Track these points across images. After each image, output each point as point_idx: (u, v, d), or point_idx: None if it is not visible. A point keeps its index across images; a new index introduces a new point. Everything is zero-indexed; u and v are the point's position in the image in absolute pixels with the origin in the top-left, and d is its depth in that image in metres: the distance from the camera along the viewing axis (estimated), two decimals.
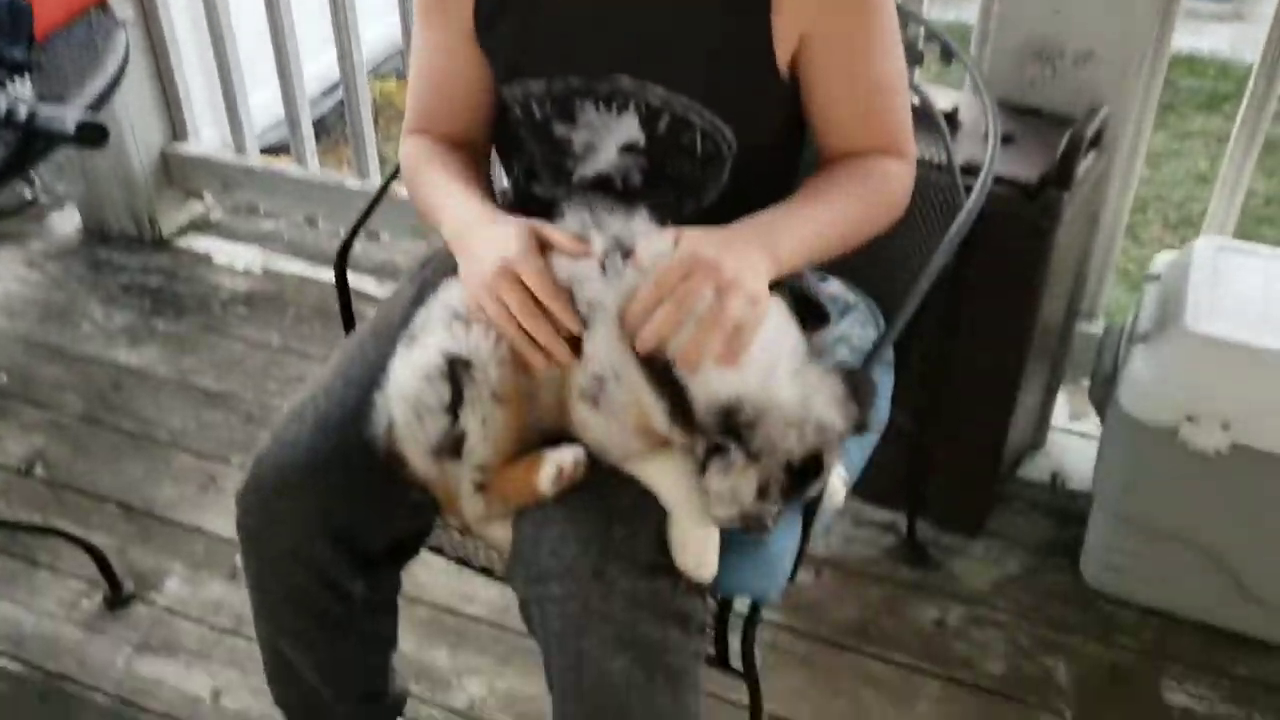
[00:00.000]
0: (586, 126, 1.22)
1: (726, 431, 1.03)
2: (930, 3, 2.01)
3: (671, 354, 1.03)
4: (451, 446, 1.09)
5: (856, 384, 1.10)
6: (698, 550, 1.11)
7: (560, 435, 1.12)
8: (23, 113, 1.23)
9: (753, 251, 1.10)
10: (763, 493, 1.04)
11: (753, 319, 1.04)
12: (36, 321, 2.52)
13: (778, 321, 1.12)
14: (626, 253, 1.08)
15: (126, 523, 2.02)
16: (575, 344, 1.07)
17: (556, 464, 1.07)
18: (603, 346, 1.06)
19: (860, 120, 1.22)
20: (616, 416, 1.07)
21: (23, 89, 1.34)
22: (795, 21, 1.15)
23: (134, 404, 2.28)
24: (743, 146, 1.21)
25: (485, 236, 1.13)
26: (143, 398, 2.30)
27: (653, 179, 1.24)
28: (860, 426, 1.10)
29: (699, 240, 1.07)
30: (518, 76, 1.23)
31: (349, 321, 1.50)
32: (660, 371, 1.04)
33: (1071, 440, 2.14)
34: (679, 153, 1.21)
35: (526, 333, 1.07)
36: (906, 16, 1.54)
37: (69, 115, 1.22)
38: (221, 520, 2.01)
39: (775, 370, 1.06)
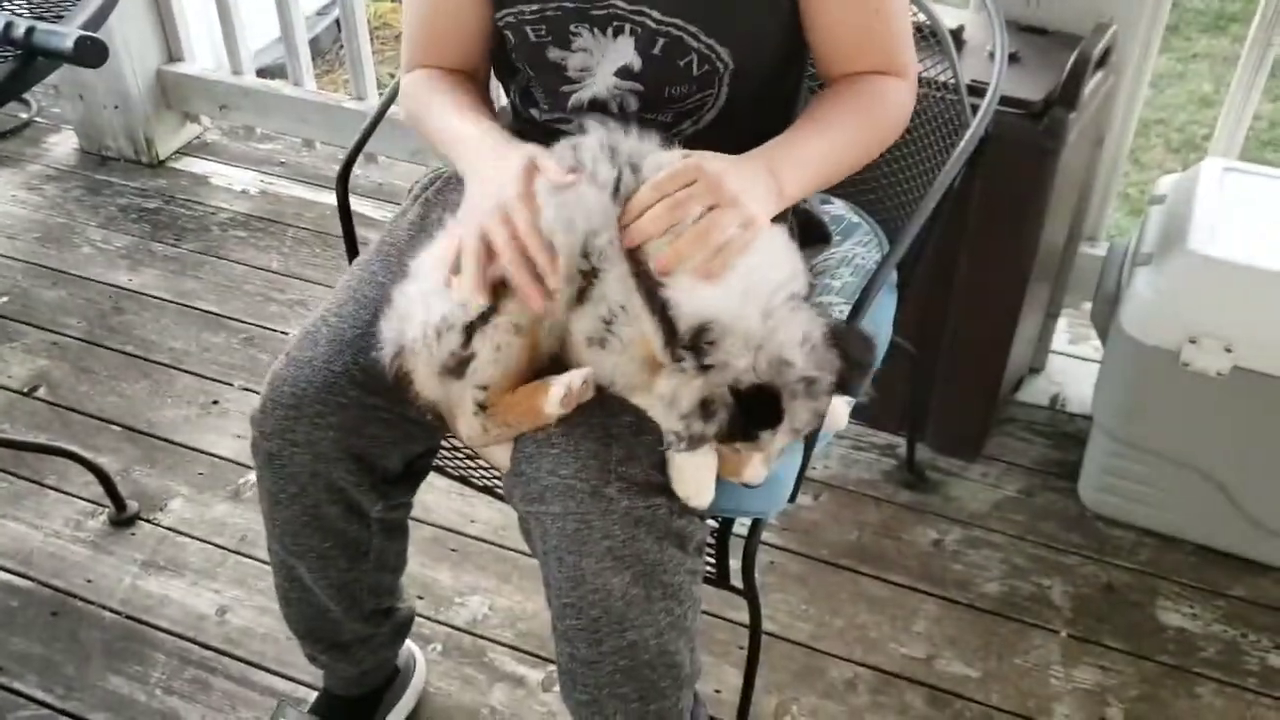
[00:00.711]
0: (582, 50, 1.21)
1: (693, 348, 1.02)
2: None
3: (652, 255, 1.03)
4: (457, 366, 1.09)
5: (848, 339, 1.07)
6: (694, 477, 1.11)
7: (563, 367, 1.12)
8: (21, 30, 1.21)
9: (760, 179, 1.09)
10: (706, 410, 1.01)
11: (741, 241, 1.04)
12: (36, 244, 2.51)
13: (775, 250, 1.10)
14: (636, 170, 1.07)
15: (130, 444, 2.03)
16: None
17: (566, 384, 1.07)
18: (613, 285, 1.05)
19: (860, 41, 1.20)
20: (625, 351, 1.06)
21: (20, 7, 1.32)
22: None
23: (135, 326, 2.28)
24: (739, 68, 1.20)
25: (488, 174, 1.12)
26: (143, 320, 2.30)
27: (649, 103, 1.22)
28: (843, 384, 1.06)
29: (708, 155, 1.07)
30: (510, 2, 1.21)
31: (352, 245, 1.49)
32: (659, 300, 1.03)
33: (1072, 364, 2.15)
34: (675, 75, 1.20)
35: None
36: None
37: (67, 32, 1.21)
38: (224, 441, 2.03)
39: (755, 296, 1.04)
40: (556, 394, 1.07)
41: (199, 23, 2.81)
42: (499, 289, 1.08)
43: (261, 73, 2.82)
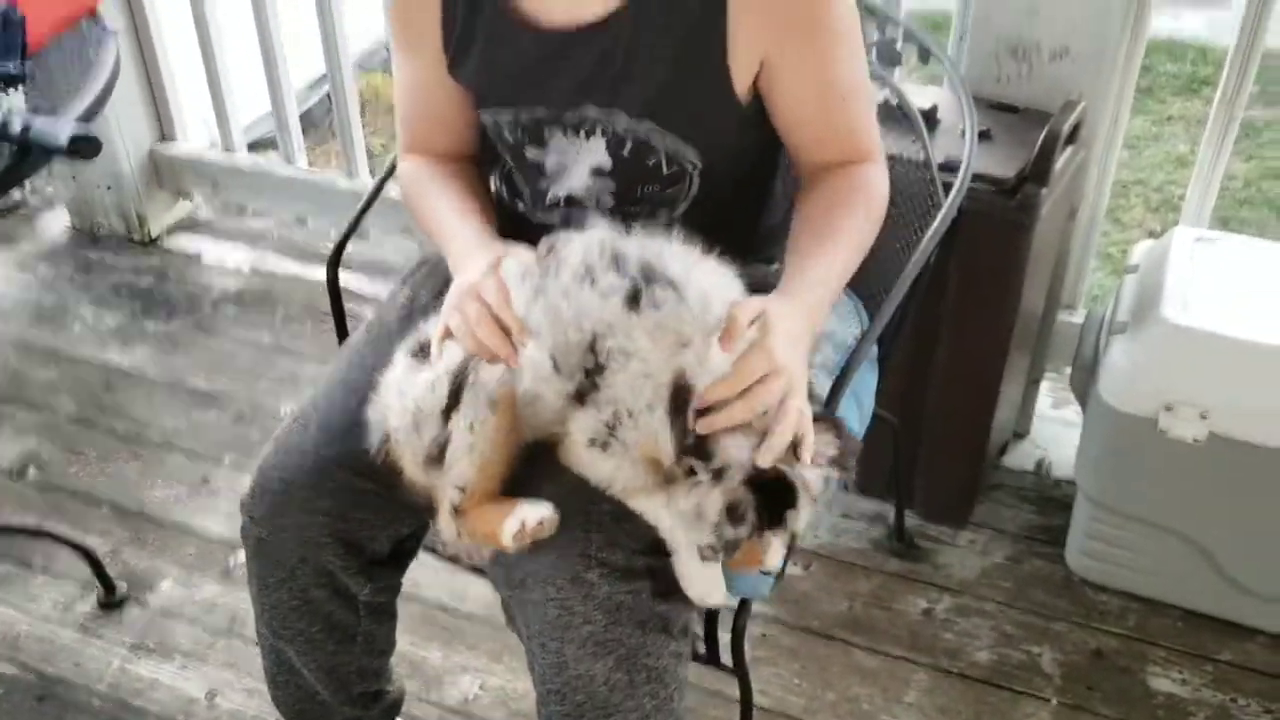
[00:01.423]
0: (557, 150, 1.26)
1: (699, 453, 1.04)
2: None
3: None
4: (439, 454, 1.11)
5: (832, 422, 1.12)
6: (702, 582, 1.13)
7: (546, 448, 1.13)
8: (17, 126, 1.24)
9: (806, 336, 1.14)
10: (734, 514, 1.04)
11: (796, 426, 1.06)
12: (28, 323, 2.54)
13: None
14: (652, 280, 1.08)
15: (119, 524, 2.04)
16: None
17: (521, 519, 1.09)
18: (624, 388, 1.07)
19: (829, 133, 1.24)
20: (627, 454, 1.08)
21: (16, 101, 1.35)
22: (752, 49, 1.17)
23: (126, 405, 2.30)
24: (708, 166, 1.24)
25: (467, 266, 1.17)
26: (135, 398, 2.31)
27: (622, 198, 1.27)
28: (839, 462, 1.10)
29: (784, 346, 1.08)
30: (486, 105, 1.27)
31: (342, 328, 1.52)
32: (681, 408, 1.05)
33: (1056, 428, 2.17)
34: (645, 174, 1.25)
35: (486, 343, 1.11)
36: (885, 18, 1.56)
37: (62, 129, 1.24)
38: (214, 520, 2.03)
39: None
40: (510, 528, 1.09)
41: (190, 98, 2.86)
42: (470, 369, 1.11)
43: (254, 145, 2.87)
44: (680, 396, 1.05)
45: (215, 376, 2.36)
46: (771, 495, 1.05)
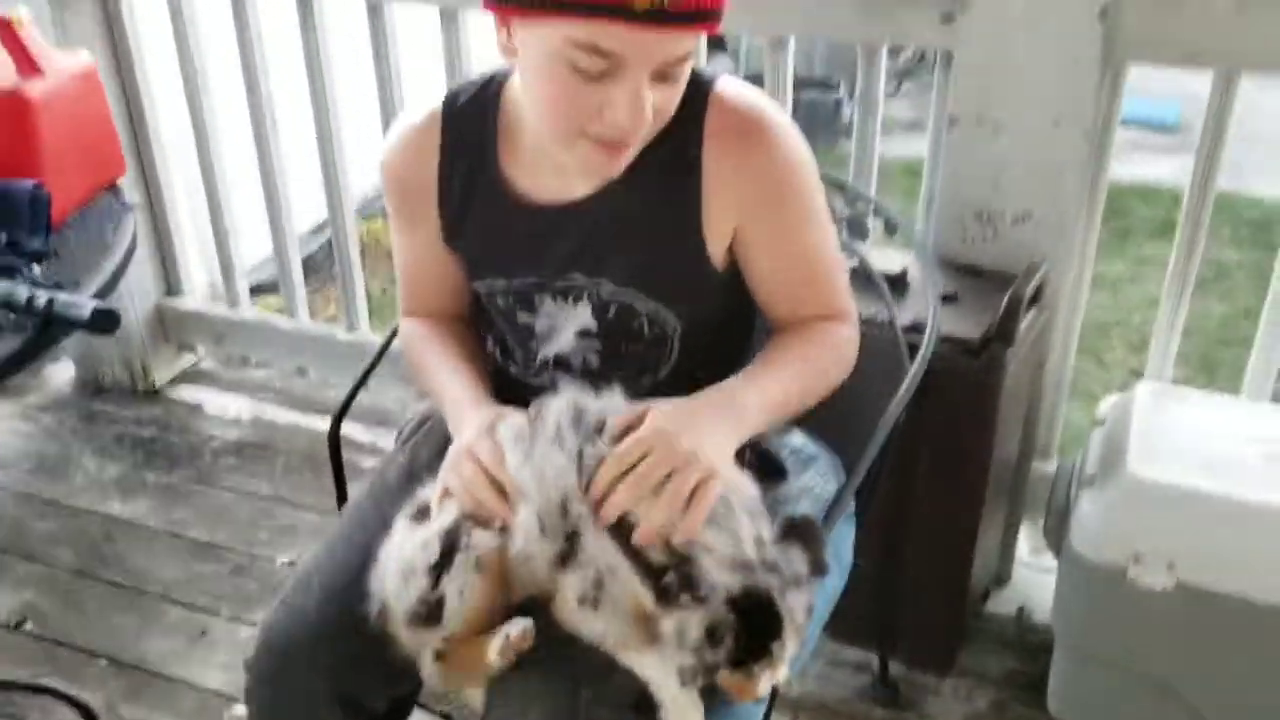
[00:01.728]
0: (546, 315, 1.35)
1: (681, 579, 1.09)
2: (889, 139, 2.14)
3: (635, 526, 1.12)
4: (427, 613, 1.16)
5: (803, 529, 1.18)
6: (688, 718, 1.16)
7: (530, 610, 1.19)
8: (42, 301, 1.33)
9: (716, 424, 1.20)
10: (713, 637, 1.08)
11: (706, 494, 1.13)
12: (30, 474, 2.59)
13: (732, 480, 1.19)
14: (592, 438, 1.17)
15: (117, 677, 2.06)
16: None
17: (505, 633, 1.14)
18: (594, 547, 1.13)
19: (799, 294, 1.33)
20: (616, 610, 1.13)
21: (40, 276, 1.44)
22: (725, 219, 1.27)
23: (125, 556, 2.34)
24: (688, 328, 1.33)
25: (464, 428, 1.26)
26: (134, 549, 2.36)
27: (607, 359, 1.36)
28: (817, 567, 1.16)
29: (662, 417, 1.17)
30: (481, 276, 1.37)
31: (342, 491, 1.58)
32: (644, 559, 1.11)
33: (1036, 575, 2.22)
34: (629, 336, 1.34)
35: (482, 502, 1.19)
36: (855, 194, 1.68)
37: (85, 303, 1.32)
38: (212, 673, 2.06)
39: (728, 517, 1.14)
40: (496, 645, 1.13)
41: (192, 244, 2.97)
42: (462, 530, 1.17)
43: (255, 289, 2.97)
44: (628, 539, 1.11)
45: (215, 527, 2.41)
46: (754, 620, 1.09)
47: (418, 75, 2.53)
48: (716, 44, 7.07)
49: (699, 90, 1.24)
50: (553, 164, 1.27)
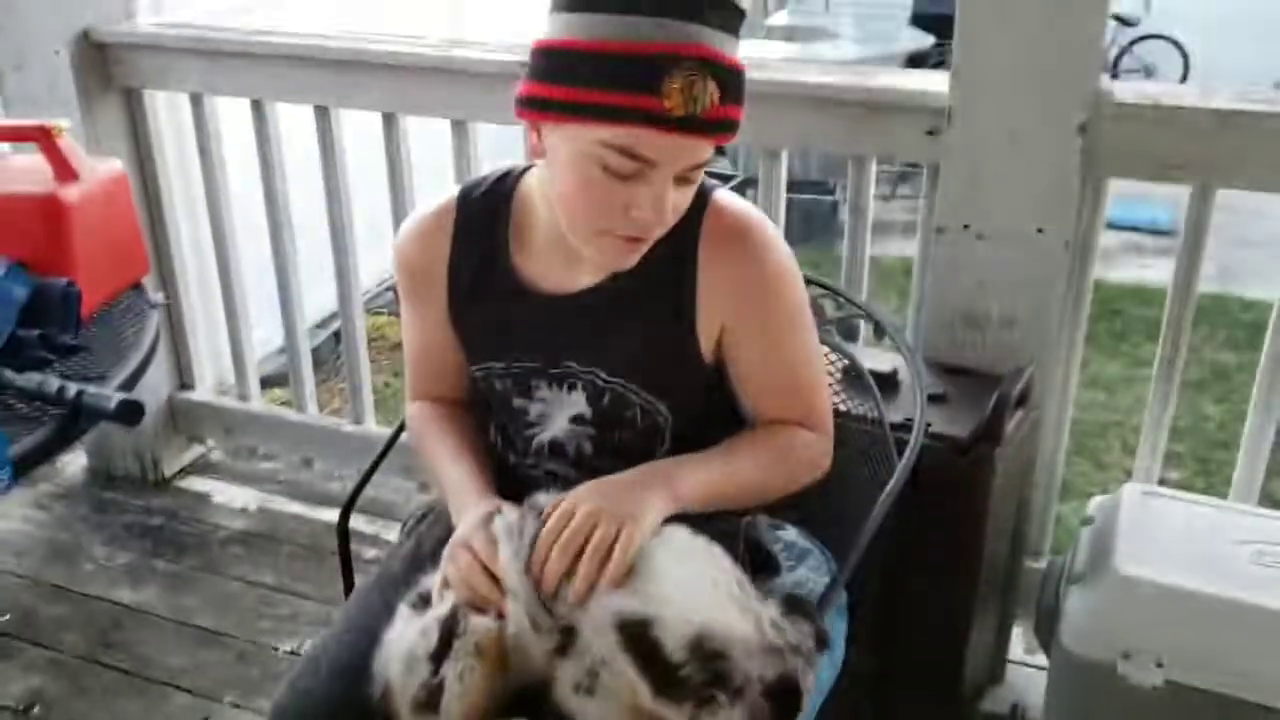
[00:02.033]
0: (541, 400, 1.43)
1: (707, 676, 1.12)
2: (887, 240, 2.22)
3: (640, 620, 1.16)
4: (428, 699, 1.20)
5: (804, 604, 1.24)
6: None
7: (533, 694, 1.23)
8: (71, 392, 1.40)
9: (641, 491, 1.27)
10: None
11: (626, 539, 1.20)
12: (42, 561, 2.64)
13: (692, 547, 1.26)
14: None
15: None
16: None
17: None
18: (591, 640, 1.18)
19: (778, 397, 1.41)
20: (612, 700, 1.17)
21: (68, 370, 1.51)
22: (715, 317, 1.36)
23: (133, 643, 2.38)
24: (678, 418, 1.40)
25: (464, 518, 1.33)
26: (142, 636, 2.39)
27: (601, 446, 1.42)
28: (821, 641, 1.21)
29: (584, 489, 1.26)
30: (480, 360, 1.45)
31: (349, 579, 1.63)
32: (637, 642, 1.15)
33: (1029, 673, 2.25)
34: (622, 424, 1.41)
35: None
36: (846, 298, 1.76)
37: (111, 396, 1.39)
38: None
39: (721, 602, 1.18)
40: None
41: (203, 340, 3.05)
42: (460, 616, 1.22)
43: (263, 381, 3.05)
44: (632, 635, 1.15)
45: (220, 615, 2.45)
46: (781, 702, 1.14)
47: (428, 176, 2.65)
48: (716, 149, 7.26)
49: (699, 195, 1.33)
50: (563, 256, 1.35)
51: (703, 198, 1.34)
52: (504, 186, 1.41)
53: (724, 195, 1.37)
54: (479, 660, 1.20)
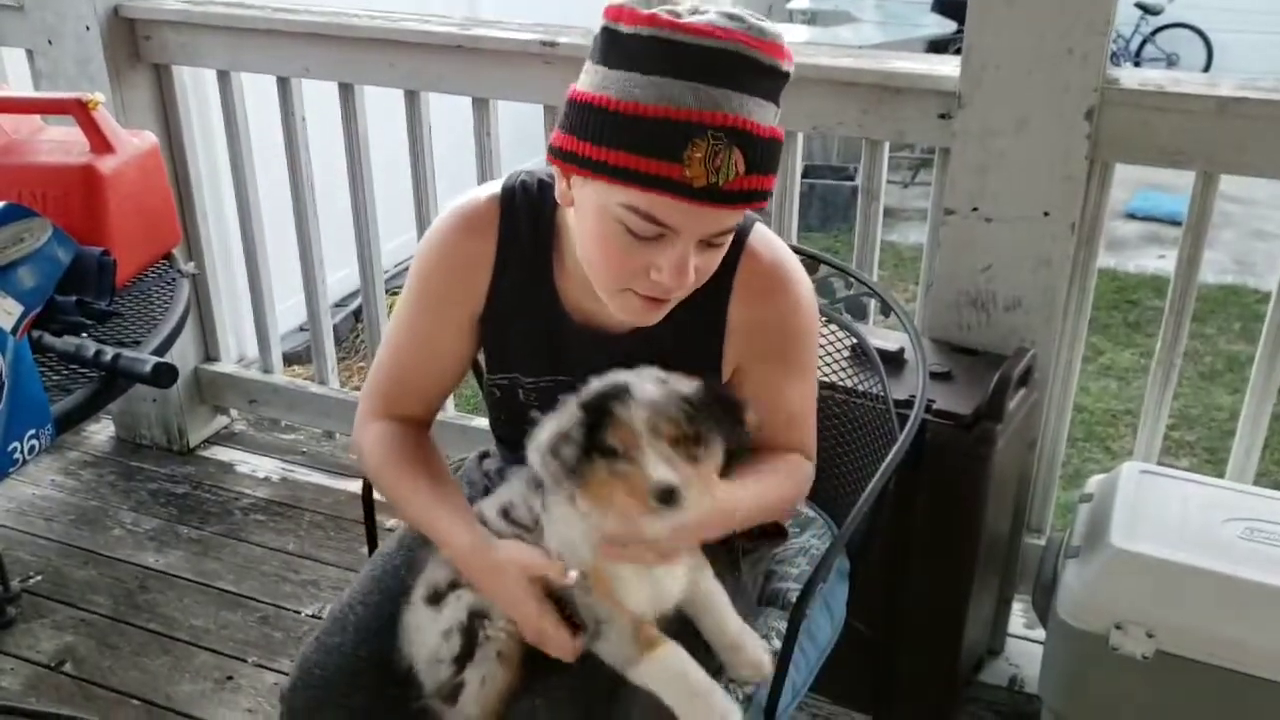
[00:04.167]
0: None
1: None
2: (907, 226, 2.27)
3: None
4: (449, 694, 1.27)
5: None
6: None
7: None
8: (108, 356, 1.47)
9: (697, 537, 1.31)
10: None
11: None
12: (71, 526, 2.72)
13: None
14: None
15: (148, 717, 2.16)
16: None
17: None
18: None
19: (781, 431, 1.43)
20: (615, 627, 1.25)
21: (102, 335, 1.58)
22: (736, 355, 1.39)
23: (159, 604, 2.46)
24: None
25: (488, 574, 1.31)
26: (167, 599, 2.47)
27: None
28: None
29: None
30: (509, 370, 1.44)
31: (372, 539, 1.69)
32: None
33: (1028, 646, 2.30)
34: None
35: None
36: (854, 275, 1.81)
37: (147, 359, 1.46)
38: (236, 715, 2.16)
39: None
40: None
41: (228, 316, 3.13)
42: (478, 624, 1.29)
43: (284, 358, 3.12)
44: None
45: (243, 579, 2.52)
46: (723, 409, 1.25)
47: (450, 155, 2.71)
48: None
49: (735, 239, 1.32)
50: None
51: (740, 240, 1.34)
52: (546, 204, 1.36)
53: (759, 240, 1.37)
54: (500, 665, 1.28)
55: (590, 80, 1.19)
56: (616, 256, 1.23)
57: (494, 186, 1.40)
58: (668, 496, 1.15)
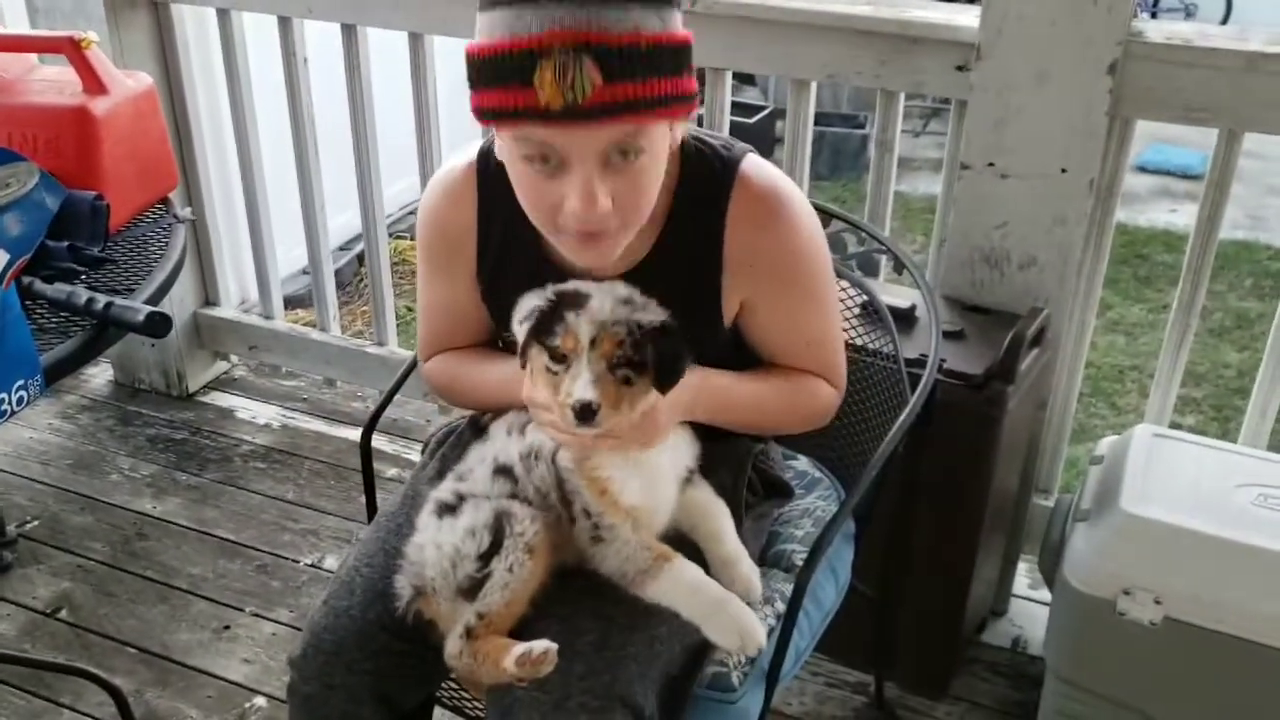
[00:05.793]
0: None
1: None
2: (915, 177, 2.22)
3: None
4: (473, 587, 1.26)
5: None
6: (735, 631, 1.28)
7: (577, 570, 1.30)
8: (100, 304, 1.43)
9: (680, 415, 1.33)
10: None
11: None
12: (68, 470, 2.70)
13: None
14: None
15: (145, 666, 2.15)
16: None
17: (528, 647, 1.21)
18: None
19: (798, 357, 1.41)
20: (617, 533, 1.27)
21: (95, 282, 1.54)
22: (738, 290, 1.36)
23: (156, 552, 2.44)
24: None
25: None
26: (164, 546, 2.46)
27: None
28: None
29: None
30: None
31: (371, 498, 1.67)
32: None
33: (1032, 608, 2.29)
34: None
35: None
36: (868, 232, 1.76)
37: (140, 308, 1.42)
38: (233, 665, 2.15)
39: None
40: (517, 653, 1.21)
41: (228, 259, 3.09)
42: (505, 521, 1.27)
43: (285, 301, 3.09)
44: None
45: (241, 528, 2.51)
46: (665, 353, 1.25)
47: (454, 96, 2.65)
48: (746, 79, 7.19)
49: (726, 169, 1.31)
50: None
51: (730, 170, 1.32)
52: None
53: (751, 166, 1.34)
54: (529, 556, 1.26)
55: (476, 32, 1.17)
56: (532, 197, 1.23)
57: (470, 152, 1.39)
58: (584, 413, 1.19)
